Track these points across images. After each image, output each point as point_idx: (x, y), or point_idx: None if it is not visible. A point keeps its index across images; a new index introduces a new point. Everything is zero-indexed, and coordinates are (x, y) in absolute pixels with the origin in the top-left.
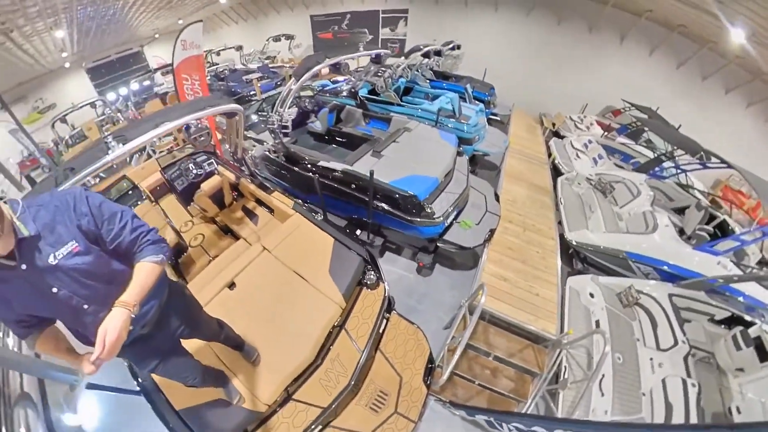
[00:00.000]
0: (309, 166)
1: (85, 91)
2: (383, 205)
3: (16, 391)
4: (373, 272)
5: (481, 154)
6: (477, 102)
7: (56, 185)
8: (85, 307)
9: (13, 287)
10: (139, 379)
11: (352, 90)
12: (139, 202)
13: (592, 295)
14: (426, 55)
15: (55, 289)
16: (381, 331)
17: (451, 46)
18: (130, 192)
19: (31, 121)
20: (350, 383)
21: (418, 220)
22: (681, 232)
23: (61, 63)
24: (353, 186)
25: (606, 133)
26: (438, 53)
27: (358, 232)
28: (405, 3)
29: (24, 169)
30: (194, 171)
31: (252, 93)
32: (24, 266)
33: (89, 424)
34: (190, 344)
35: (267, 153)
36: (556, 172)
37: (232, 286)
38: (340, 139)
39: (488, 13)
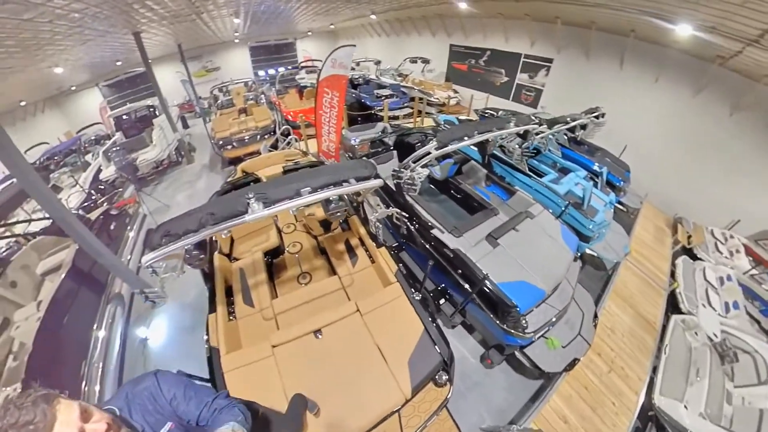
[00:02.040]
0: (419, 226)
1: (244, 62)
2: (478, 297)
3: (114, 291)
4: (446, 374)
5: (596, 256)
6: (608, 189)
7: (200, 225)
8: None
9: None
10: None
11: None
12: None
13: None
14: (571, 129)
15: None
16: (428, 423)
17: (595, 114)
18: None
19: (198, 76)
20: None
21: (507, 328)
22: None
23: (231, 38)
24: (459, 271)
25: (754, 271)
26: (584, 127)
27: (443, 301)
28: (552, 52)
29: (182, 110)
30: None
31: (380, 109)
32: None
33: (153, 342)
34: (271, 398)
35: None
36: (672, 301)
37: (318, 332)
38: (455, 193)
39: (646, 82)
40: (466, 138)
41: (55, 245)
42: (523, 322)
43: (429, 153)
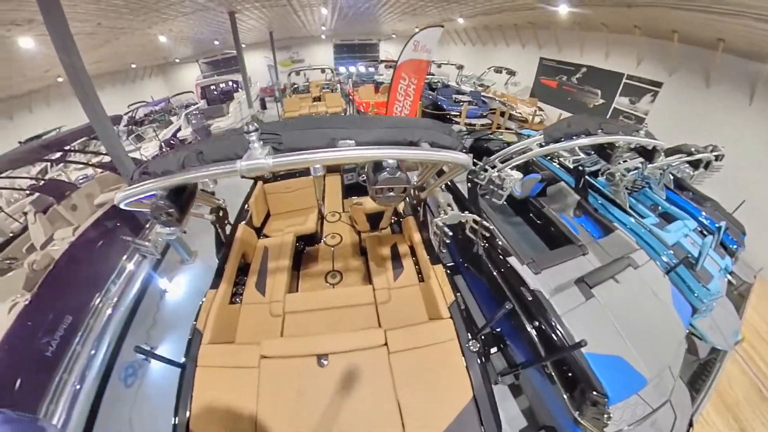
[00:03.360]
0: (490, 248)
1: (327, 58)
2: (550, 364)
3: (151, 236)
4: None
5: (696, 335)
6: (723, 251)
7: (182, 166)
8: None
9: None
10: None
11: (580, 167)
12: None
13: None
14: (694, 164)
15: None
16: None
17: (715, 154)
18: None
19: (284, 65)
20: None
21: (580, 418)
22: None
23: (318, 33)
24: (536, 322)
25: None
26: (706, 165)
27: (494, 350)
28: (662, 74)
29: (263, 92)
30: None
31: (456, 114)
32: None
33: (170, 296)
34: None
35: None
36: None
37: (323, 358)
38: (535, 218)
39: None
40: (585, 136)
41: (116, 183)
42: (606, 416)
43: (529, 150)
